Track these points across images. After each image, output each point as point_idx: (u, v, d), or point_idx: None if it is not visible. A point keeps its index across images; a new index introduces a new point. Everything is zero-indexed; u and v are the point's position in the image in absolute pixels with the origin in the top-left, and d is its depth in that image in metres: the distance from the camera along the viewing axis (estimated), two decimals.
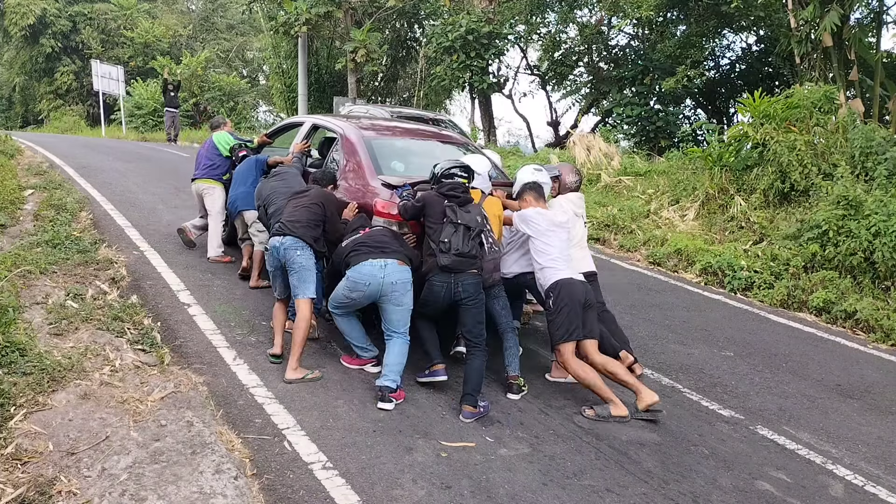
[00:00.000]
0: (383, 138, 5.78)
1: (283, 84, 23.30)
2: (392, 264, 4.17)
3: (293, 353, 4.26)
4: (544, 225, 4.35)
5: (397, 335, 4.23)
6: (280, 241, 4.42)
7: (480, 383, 4.14)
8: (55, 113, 27.84)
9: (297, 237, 4.40)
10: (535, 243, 4.37)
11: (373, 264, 4.15)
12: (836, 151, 9.00)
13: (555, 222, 4.39)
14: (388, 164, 5.31)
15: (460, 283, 4.12)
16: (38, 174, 9.92)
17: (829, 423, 4.61)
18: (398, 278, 4.16)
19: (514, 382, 4.46)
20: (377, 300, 4.24)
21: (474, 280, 4.17)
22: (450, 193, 4.29)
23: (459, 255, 4.08)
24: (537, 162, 5.45)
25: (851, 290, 7.19)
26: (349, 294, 4.26)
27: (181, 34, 29.25)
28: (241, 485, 3.06)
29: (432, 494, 3.22)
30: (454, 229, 4.11)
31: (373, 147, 5.34)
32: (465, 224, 4.14)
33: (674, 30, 18.22)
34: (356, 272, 4.19)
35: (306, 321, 4.30)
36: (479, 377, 4.13)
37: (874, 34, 12.61)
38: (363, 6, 19.16)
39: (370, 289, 4.16)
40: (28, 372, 3.70)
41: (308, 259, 4.40)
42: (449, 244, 4.08)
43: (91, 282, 5.42)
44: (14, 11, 26.16)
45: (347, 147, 5.43)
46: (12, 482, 2.87)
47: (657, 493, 3.48)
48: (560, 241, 4.37)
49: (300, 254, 4.37)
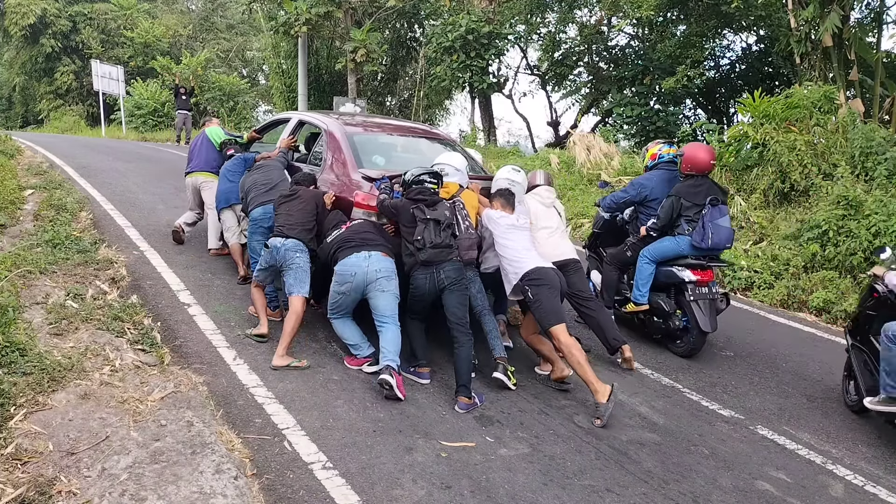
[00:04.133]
0: (365, 134, 6.00)
1: (283, 84, 23.31)
2: (376, 255, 4.43)
3: (282, 342, 4.48)
4: (504, 226, 4.61)
5: (387, 323, 4.37)
6: (282, 242, 4.70)
7: (471, 372, 4.31)
8: (55, 113, 27.83)
9: (299, 240, 4.70)
10: (498, 240, 4.62)
11: (358, 256, 4.41)
12: (836, 151, 9.00)
13: (514, 224, 4.64)
14: (370, 159, 5.54)
15: (441, 270, 4.34)
16: (38, 174, 9.93)
17: (829, 423, 4.61)
18: (382, 266, 4.41)
19: (500, 363, 4.58)
20: (365, 292, 4.42)
21: (454, 266, 4.39)
22: (417, 198, 4.53)
23: (435, 248, 4.33)
24: (517, 164, 5.69)
25: (851, 290, 7.19)
26: (339, 289, 4.46)
27: (181, 34, 29.24)
28: (241, 485, 3.06)
29: (432, 494, 3.22)
30: (425, 226, 4.39)
31: (354, 142, 5.57)
32: (435, 219, 4.40)
33: (674, 30, 18.22)
34: (343, 265, 4.43)
35: (297, 315, 4.53)
36: (469, 366, 4.30)
37: (874, 34, 12.62)
38: (363, 6, 19.17)
39: (356, 279, 4.38)
40: (28, 372, 3.70)
41: (306, 262, 4.70)
42: (423, 240, 4.34)
43: (91, 282, 5.42)
44: (14, 11, 26.15)
45: (331, 142, 5.64)
46: (12, 482, 2.87)
47: (657, 493, 3.48)
48: (521, 238, 4.62)
49: (299, 256, 4.67)
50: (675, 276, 5.42)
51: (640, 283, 5.53)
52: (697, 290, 5.37)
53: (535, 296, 4.38)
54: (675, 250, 5.47)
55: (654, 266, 5.53)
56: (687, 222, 5.44)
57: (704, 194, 5.41)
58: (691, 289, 5.36)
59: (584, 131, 16.27)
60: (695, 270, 5.40)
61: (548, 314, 4.36)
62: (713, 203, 5.36)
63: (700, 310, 5.34)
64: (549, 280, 4.43)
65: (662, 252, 5.50)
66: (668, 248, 5.50)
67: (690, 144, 5.75)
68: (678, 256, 5.47)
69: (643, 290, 5.54)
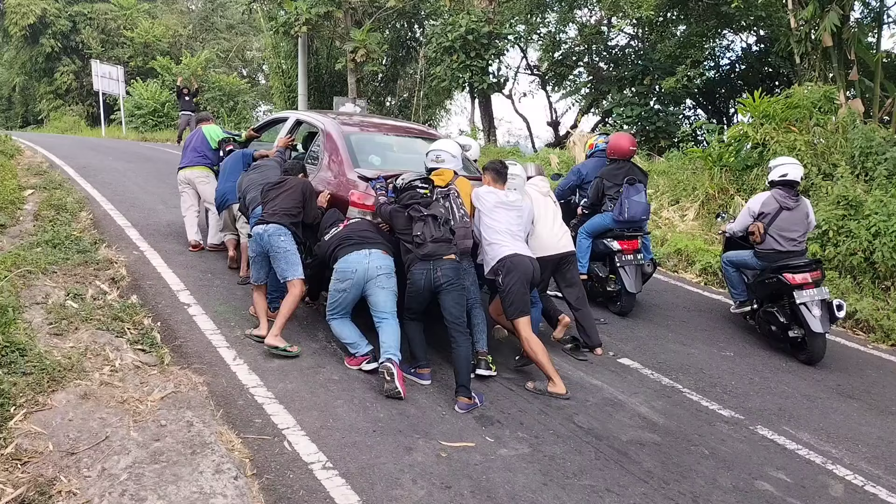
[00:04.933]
0: (361, 133, 6.03)
1: (283, 84, 23.30)
2: (376, 252, 4.48)
3: (277, 321, 4.57)
4: (492, 201, 4.62)
5: (387, 318, 4.43)
6: (263, 228, 4.74)
7: (470, 371, 4.35)
8: (55, 113, 27.81)
9: (280, 224, 4.73)
10: (483, 219, 4.63)
11: (359, 254, 4.46)
12: (836, 151, 8.99)
13: (503, 201, 4.64)
14: (366, 158, 5.57)
15: (439, 268, 4.34)
16: (38, 174, 9.93)
17: (829, 423, 4.61)
18: (382, 264, 4.46)
19: (482, 358, 4.65)
20: (365, 289, 4.46)
21: (452, 265, 4.39)
22: (410, 203, 4.55)
23: (435, 241, 4.35)
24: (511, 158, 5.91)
25: (851, 290, 7.19)
26: (339, 286, 4.48)
27: (181, 34, 29.22)
28: (241, 485, 3.06)
29: (432, 494, 3.22)
30: (423, 222, 4.41)
31: (351, 142, 5.60)
32: (432, 215, 4.42)
33: (674, 30, 18.22)
34: (343, 262, 4.46)
35: (295, 298, 4.64)
36: (468, 365, 4.33)
37: (874, 34, 12.61)
38: (363, 6, 19.16)
39: (357, 275, 4.41)
40: (28, 372, 3.70)
41: (291, 243, 4.73)
42: (423, 235, 4.37)
43: (91, 282, 5.42)
44: (14, 11, 26.13)
45: (327, 141, 5.67)
46: (12, 482, 2.87)
47: (657, 493, 3.48)
48: (507, 218, 4.61)
49: (283, 239, 4.70)
50: (606, 247, 6.35)
51: (580, 256, 6.17)
52: (624, 258, 6.25)
53: (506, 284, 4.47)
54: (602, 225, 6.42)
55: (590, 240, 6.47)
56: (610, 200, 6.38)
57: (623, 175, 6.33)
58: (619, 257, 6.26)
59: (584, 131, 16.26)
60: (622, 241, 6.28)
61: (513, 305, 4.47)
62: (630, 182, 6.26)
63: (627, 274, 6.26)
64: (523, 269, 4.49)
65: (593, 227, 6.46)
66: (597, 224, 6.45)
67: (615, 134, 6.89)
68: (606, 230, 6.40)
69: (583, 262, 6.35)
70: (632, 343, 5.77)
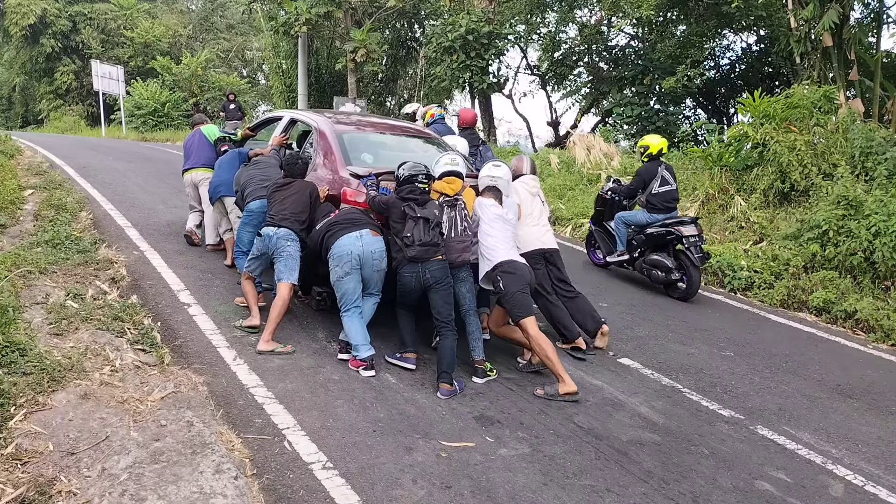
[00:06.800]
0: (354, 132, 6.08)
1: (283, 84, 23.30)
2: (366, 234, 4.59)
3: (267, 327, 4.65)
4: (492, 214, 4.77)
5: (372, 296, 4.75)
6: (274, 231, 4.82)
7: (453, 361, 4.47)
8: (55, 113, 27.84)
9: (291, 230, 4.82)
10: (482, 226, 4.76)
11: (349, 236, 4.55)
12: (836, 151, 9.00)
13: (502, 216, 4.80)
14: (358, 156, 5.63)
15: (427, 269, 4.45)
16: (38, 174, 9.93)
17: (829, 423, 4.61)
18: (375, 247, 4.59)
19: (479, 367, 4.69)
20: (362, 270, 4.59)
21: (440, 265, 4.50)
22: (408, 196, 4.61)
23: (423, 245, 4.44)
24: (498, 158, 5.98)
25: (851, 289, 7.19)
26: (339, 272, 4.54)
27: (181, 34, 29.25)
28: (241, 485, 3.06)
29: (432, 494, 3.22)
30: (415, 223, 4.48)
31: (343, 140, 5.65)
32: (424, 217, 4.50)
33: (674, 30, 18.22)
34: (337, 248, 4.54)
35: (284, 301, 4.69)
36: (452, 355, 4.45)
37: (874, 34, 12.61)
38: (363, 6, 19.17)
39: (353, 256, 4.51)
40: (28, 372, 3.70)
41: (297, 250, 4.83)
42: (412, 237, 4.45)
43: (91, 282, 5.42)
44: (14, 11, 26.16)
45: (321, 140, 5.74)
46: (12, 482, 2.87)
47: (657, 493, 3.48)
48: (503, 232, 4.75)
49: (290, 244, 4.80)
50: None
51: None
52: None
53: (506, 287, 4.53)
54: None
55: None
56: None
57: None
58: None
59: (584, 131, 16.27)
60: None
61: (518, 306, 4.53)
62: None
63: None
64: (521, 273, 4.58)
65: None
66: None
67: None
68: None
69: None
70: (632, 343, 5.77)
